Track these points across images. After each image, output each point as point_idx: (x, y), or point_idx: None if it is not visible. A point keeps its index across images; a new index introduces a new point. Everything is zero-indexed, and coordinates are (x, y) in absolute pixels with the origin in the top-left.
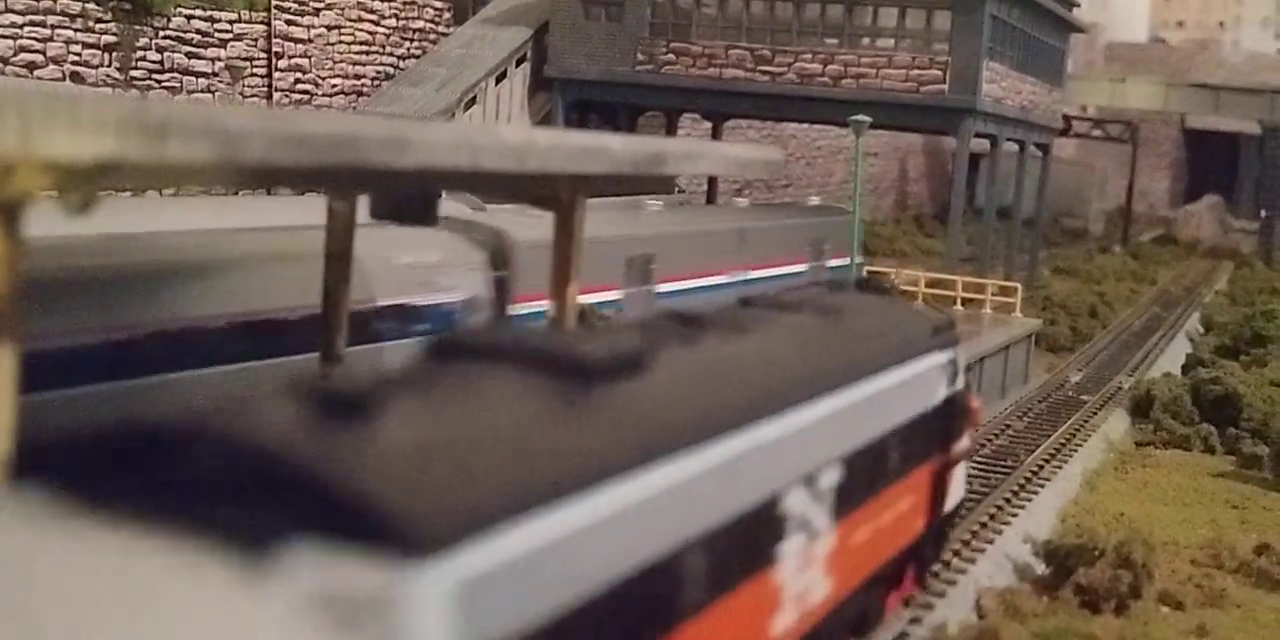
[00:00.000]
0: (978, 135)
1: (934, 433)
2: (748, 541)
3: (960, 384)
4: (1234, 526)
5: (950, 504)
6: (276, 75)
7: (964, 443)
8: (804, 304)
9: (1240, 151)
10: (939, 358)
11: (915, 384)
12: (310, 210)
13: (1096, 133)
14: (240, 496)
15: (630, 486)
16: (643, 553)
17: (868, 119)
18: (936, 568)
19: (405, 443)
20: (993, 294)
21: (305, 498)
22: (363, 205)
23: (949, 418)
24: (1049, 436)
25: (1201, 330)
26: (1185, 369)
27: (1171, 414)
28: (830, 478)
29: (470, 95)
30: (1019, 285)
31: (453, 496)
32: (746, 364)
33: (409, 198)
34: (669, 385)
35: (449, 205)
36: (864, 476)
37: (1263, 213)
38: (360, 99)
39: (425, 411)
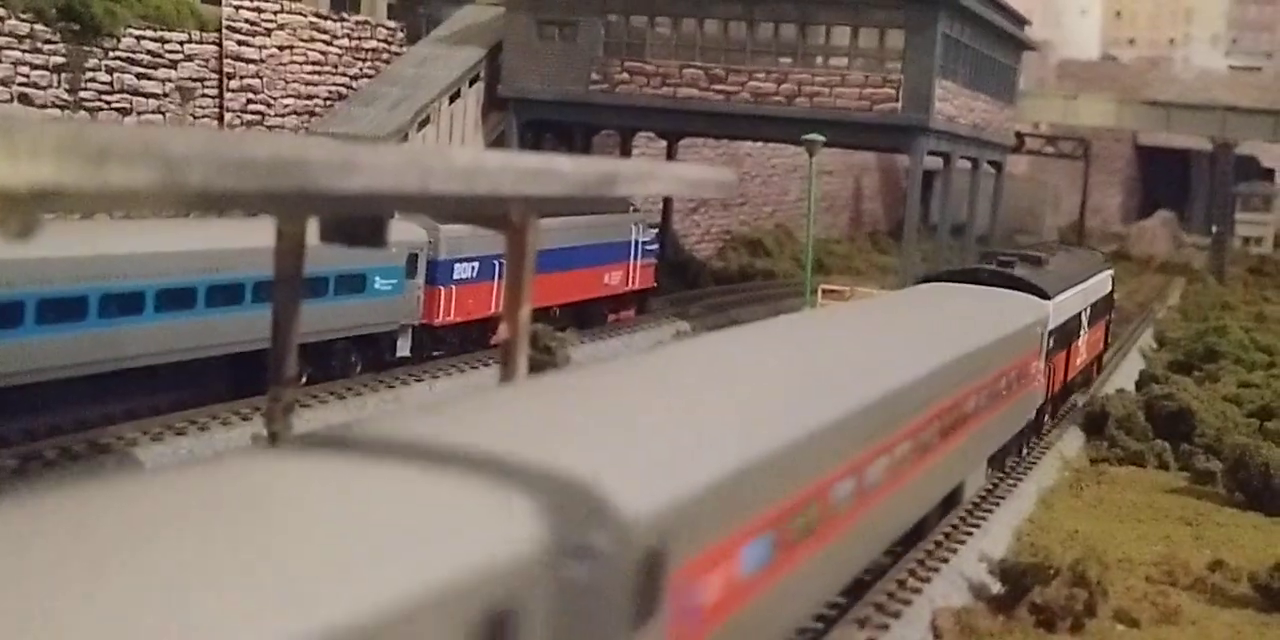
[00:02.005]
0: (931, 153)
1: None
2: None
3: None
4: (1188, 542)
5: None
6: (228, 96)
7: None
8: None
9: (1192, 168)
10: (1108, 271)
11: (1106, 279)
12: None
13: (1049, 149)
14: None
15: None
16: None
17: (821, 138)
18: (893, 587)
19: None
20: None
21: None
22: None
23: (1112, 295)
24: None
25: (1155, 346)
26: (1139, 385)
27: (1125, 430)
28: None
29: (424, 115)
30: None
31: None
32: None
33: (359, 220)
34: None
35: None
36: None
37: (1214, 228)
38: (313, 119)
39: None
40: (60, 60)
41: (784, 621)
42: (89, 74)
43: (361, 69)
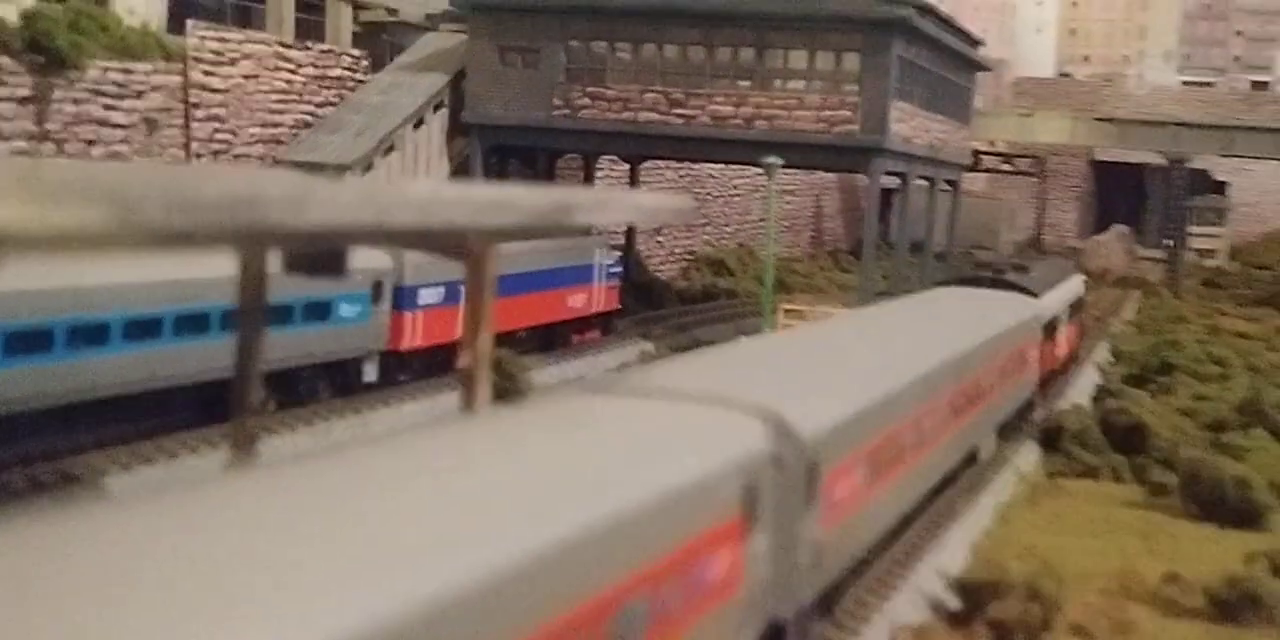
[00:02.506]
0: (888, 173)
1: (1082, 299)
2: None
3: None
4: (1142, 555)
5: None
6: (194, 126)
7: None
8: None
9: (1146, 182)
10: (1079, 275)
11: (1078, 282)
12: None
13: (1006, 167)
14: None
15: None
16: None
17: (779, 160)
18: (851, 605)
19: None
20: None
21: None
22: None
23: (1083, 297)
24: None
25: (1111, 360)
26: (1095, 399)
27: (1081, 444)
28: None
29: (388, 142)
30: None
31: None
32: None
33: (320, 251)
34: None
35: None
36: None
37: (1168, 243)
38: (279, 148)
39: None
40: (26, 93)
41: (878, 521)
42: (55, 106)
43: (327, 97)
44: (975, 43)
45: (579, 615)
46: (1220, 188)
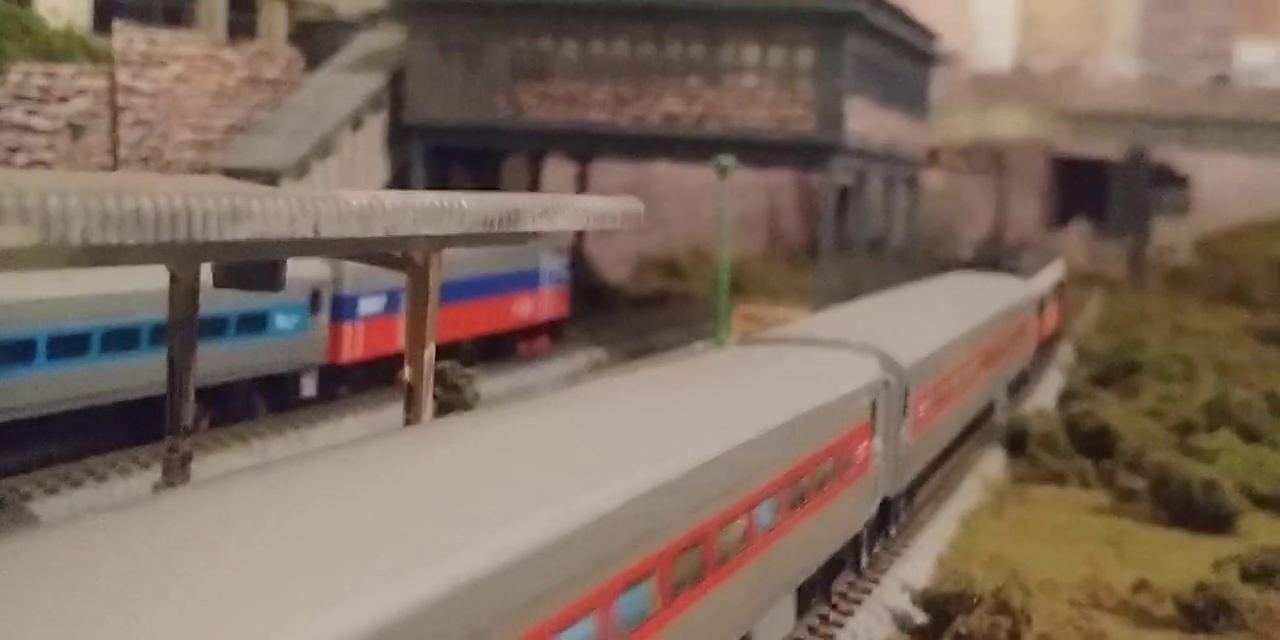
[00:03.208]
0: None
1: (1064, 280)
2: None
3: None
4: (1111, 563)
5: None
6: (122, 131)
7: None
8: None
9: (1108, 177)
10: (1060, 259)
11: (1060, 265)
12: None
13: (963, 164)
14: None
15: None
16: None
17: (732, 160)
18: (814, 622)
19: None
20: None
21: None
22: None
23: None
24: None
25: (1075, 360)
26: (1060, 402)
27: (1047, 449)
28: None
29: (326, 146)
30: None
31: None
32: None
33: (254, 264)
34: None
35: None
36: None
37: (1131, 238)
38: (210, 153)
39: None
40: None
41: (939, 439)
42: None
43: (260, 100)
44: (931, 36)
45: (798, 469)
46: (1182, 182)
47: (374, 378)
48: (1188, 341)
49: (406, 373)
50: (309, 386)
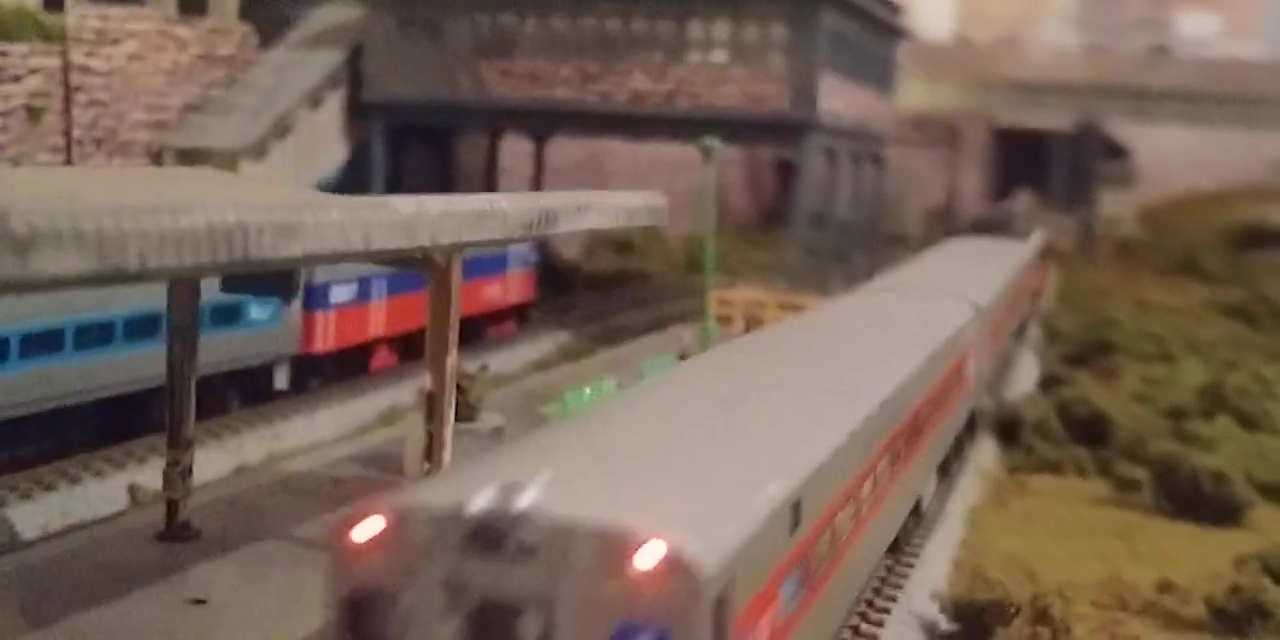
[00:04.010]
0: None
1: (1042, 244)
2: None
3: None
4: (1125, 559)
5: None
6: (76, 111)
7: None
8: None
9: (1049, 149)
10: (1040, 234)
11: (1039, 234)
12: None
13: (916, 136)
14: None
15: None
16: None
17: (718, 141)
18: (848, 635)
19: None
20: None
21: None
22: None
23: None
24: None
25: (1044, 338)
26: (1043, 386)
27: (1041, 437)
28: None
29: (284, 125)
30: None
31: None
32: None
33: (268, 273)
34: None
35: None
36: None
37: (1079, 210)
38: (166, 133)
39: None
40: None
41: (999, 359)
42: None
43: (216, 77)
44: (896, 9)
45: (945, 380)
46: (1122, 153)
47: (344, 368)
48: (1154, 318)
49: (429, 381)
50: (281, 378)
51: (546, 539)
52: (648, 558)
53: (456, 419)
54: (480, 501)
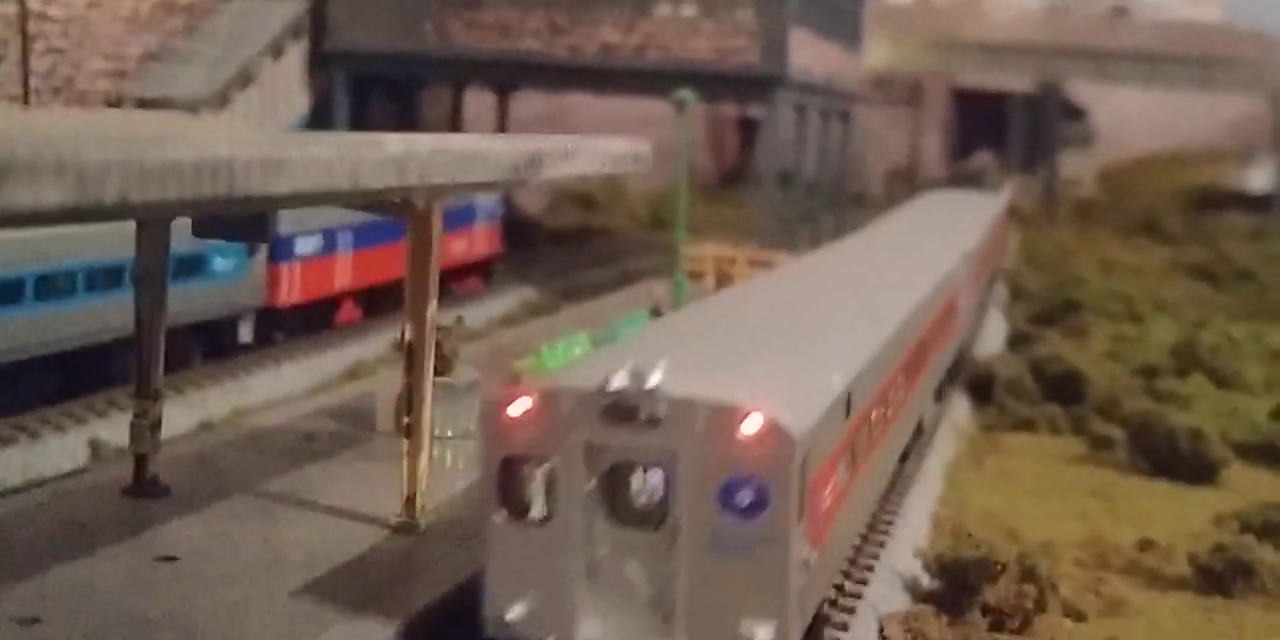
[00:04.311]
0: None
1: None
2: None
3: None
4: (1104, 518)
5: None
6: (33, 59)
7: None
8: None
9: (1007, 110)
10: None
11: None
12: None
13: (880, 95)
14: None
15: None
16: None
17: (691, 94)
18: (832, 593)
19: None
20: None
21: None
22: None
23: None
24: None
25: (1009, 296)
26: (1012, 344)
27: (1014, 395)
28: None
29: (246, 75)
30: None
31: None
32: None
33: (241, 216)
34: None
35: None
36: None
37: (1040, 171)
38: (125, 82)
39: None
40: None
41: (991, 282)
42: None
43: (176, 25)
44: None
45: (944, 312)
46: (1080, 114)
47: (309, 321)
48: (1120, 278)
49: (408, 331)
50: (246, 332)
51: (670, 411)
52: (752, 426)
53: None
54: (615, 382)
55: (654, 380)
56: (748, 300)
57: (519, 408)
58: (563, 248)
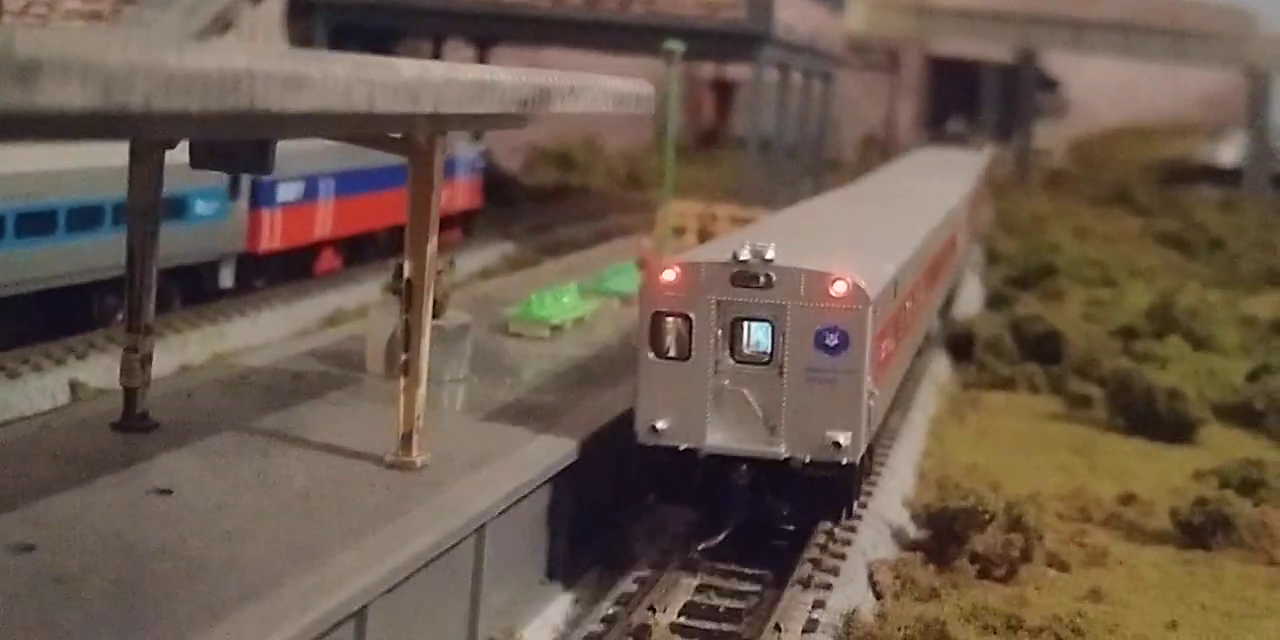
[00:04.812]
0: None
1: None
2: None
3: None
4: (1085, 473)
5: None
6: None
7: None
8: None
9: (981, 79)
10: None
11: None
12: None
13: (857, 60)
14: None
15: None
16: None
17: (680, 46)
18: (823, 540)
19: None
20: None
21: None
22: None
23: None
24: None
25: (984, 260)
26: (990, 304)
27: (994, 354)
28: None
29: (224, 20)
30: None
31: None
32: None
33: (243, 144)
34: None
35: None
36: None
37: (1014, 141)
38: (100, 25)
39: None
40: None
41: (981, 225)
42: None
43: None
44: None
45: (949, 242)
46: (1053, 84)
47: (289, 268)
48: (1094, 246)
49: (407, 268)
50: (226, 277)
51: (780, 277)
52: (841, 287)
53: None
54: (740, 256)
55: (770, 254)
56: (813, 212)
57: (668, 276)
58: (541, 205)
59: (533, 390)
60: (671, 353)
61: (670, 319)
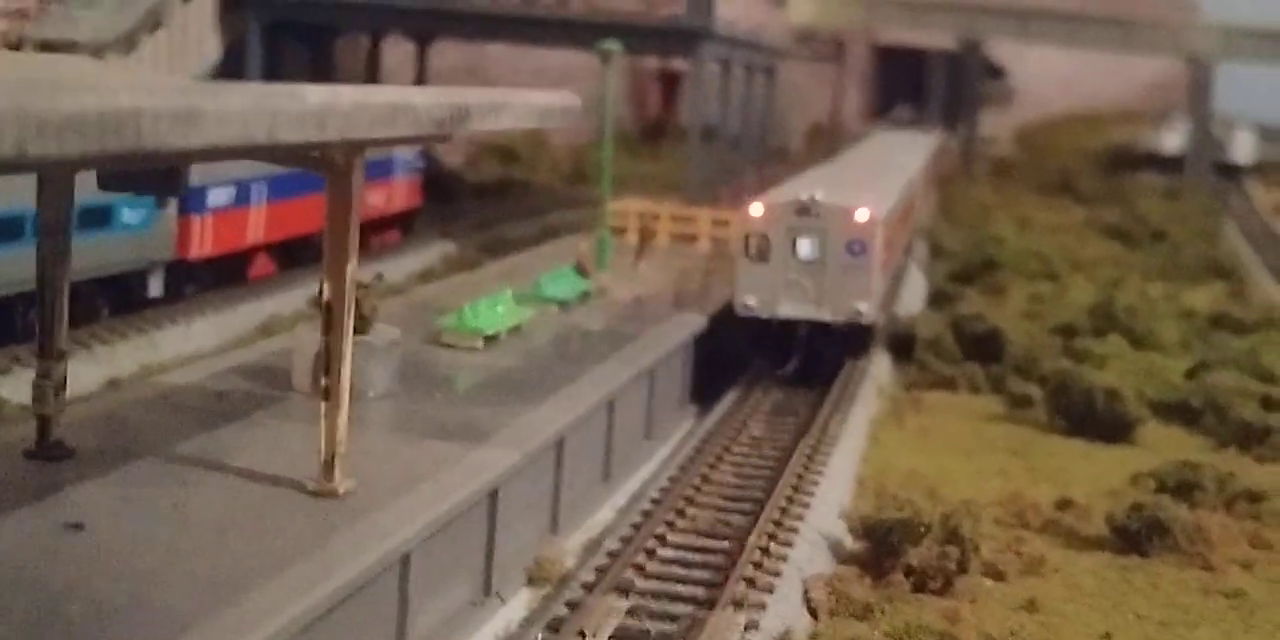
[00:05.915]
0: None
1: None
2: None
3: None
4: (1023, 476)
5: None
6: None
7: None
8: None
9: (927, 68)
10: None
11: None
12: None
13: (804, 51)
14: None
15: None
16: None
17: (618, 45)
18: (758, 556)
19: None
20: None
21: None
22: None
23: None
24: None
25: (928, 254)
26: (933, 302)
27: (935, 353)
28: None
29: (154, 18)
30: None
31: None
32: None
33: (153, 169)
34: None
35: None
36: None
37: (960, 129)
38: (25, 23)
39: None
40: None
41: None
42: None
43: None
44: None
45: (914, 200)
46: (999, 73)
47: (220, 275)
48: (1037, 237)
49: (326, 289)
50: (155, 286)
51: (824, 211)
52: (862, 216)
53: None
54: (800, 197)
55: (819, 196)
56: (830, 172)
57: (756, 210)
58: (484, 201)
59: (464, 405)
60: (757, 257)
61: (756, 236)
